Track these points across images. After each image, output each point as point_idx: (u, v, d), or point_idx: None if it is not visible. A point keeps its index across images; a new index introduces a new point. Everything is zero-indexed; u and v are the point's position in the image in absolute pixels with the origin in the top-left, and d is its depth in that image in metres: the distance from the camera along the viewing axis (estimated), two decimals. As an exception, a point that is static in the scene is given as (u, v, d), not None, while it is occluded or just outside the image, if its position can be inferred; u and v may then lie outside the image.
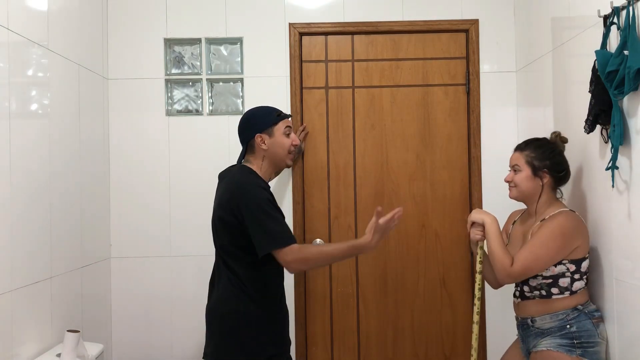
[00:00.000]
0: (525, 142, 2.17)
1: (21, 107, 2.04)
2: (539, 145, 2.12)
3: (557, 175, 2.09)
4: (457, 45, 2.95)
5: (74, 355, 2.05)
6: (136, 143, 2.90)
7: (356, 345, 2.94)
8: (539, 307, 2.04)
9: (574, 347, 1.93)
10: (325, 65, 2.95)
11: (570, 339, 1.95)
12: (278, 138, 2.15)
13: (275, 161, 2.18)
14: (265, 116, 2.18)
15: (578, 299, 2.00)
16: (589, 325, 1.95)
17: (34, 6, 2.17)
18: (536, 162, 2.08)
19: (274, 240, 1.98)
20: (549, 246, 1.97)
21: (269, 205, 2.03)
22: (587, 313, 1.98)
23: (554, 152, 2.10)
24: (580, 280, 2.01)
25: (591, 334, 1.94)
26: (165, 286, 2.88)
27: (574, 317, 1.97)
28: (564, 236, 1.97)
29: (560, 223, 1.99)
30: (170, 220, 2.88)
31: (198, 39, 2.92)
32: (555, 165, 2.08)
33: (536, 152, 2.09)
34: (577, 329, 1.95)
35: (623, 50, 1.74)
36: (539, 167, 2.08)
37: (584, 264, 2.01)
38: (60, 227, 2.31)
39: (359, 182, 2.94)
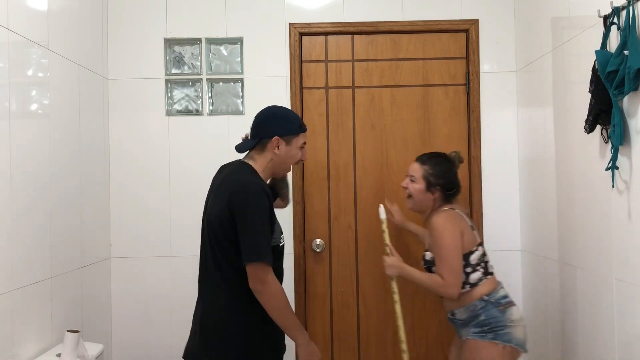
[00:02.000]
0: (427, 156, 2.37)
1: (21, 107, 2.04)
2: (438, 162, 2.33)
3: (447, 192, 2.32)
4: (457, 45, 2.95)
5: (74, 355, 2.05)
6: (136, 143, 2.90)
7: (356, 345, 2.94)
8: (453, 303, 2.27)
9: (485, 333, 2.18)
10: (325, 65, 2.95)
11: (481, 326, 2.19)
12: (293, 149, 2.08)
13: (279, 169, 2.11)
14: (291, 122, 2.09)
15: (482, 290, 2.22)
16: (496, 312, 2.19)
17: (34, 6, 2.17)
18: (432, 178, 2.31)
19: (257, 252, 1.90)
20: (443, 244, 2.20)
21: (267, 214, 1.95)
22: (493, 302, 2.21)
23: (449, 172, 2.34)
24: (475, 272, 2.23)
25: (499, 320, 2.18)
26: (165, 286, 2.88)
27: (482, 307, 2.20)
28: (448, 230, 2.20)
29: (439, 222, 2.23)
30: (170, 221, 2.88)
31: (198, 39, 2.92)
32: (447, 184, 2.31)
33: (434, 169, 2.31)
34: (485, 317, 2.19)
35: (623, 50, 1.74)
36: (433, 184, 2.30)
37: (473, 257, 2.23)
38: (60, 227, 2.31)
39: (359, 182, 2.94)
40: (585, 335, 2.21)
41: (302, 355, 2.02)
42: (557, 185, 2.44)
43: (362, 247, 2.94)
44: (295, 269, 2.89)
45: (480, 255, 2.26)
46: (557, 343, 2.48)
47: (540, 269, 2.66)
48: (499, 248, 2.90)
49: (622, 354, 1.92)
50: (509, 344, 2.16)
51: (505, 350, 2.16)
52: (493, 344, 2.16)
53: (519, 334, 2.18)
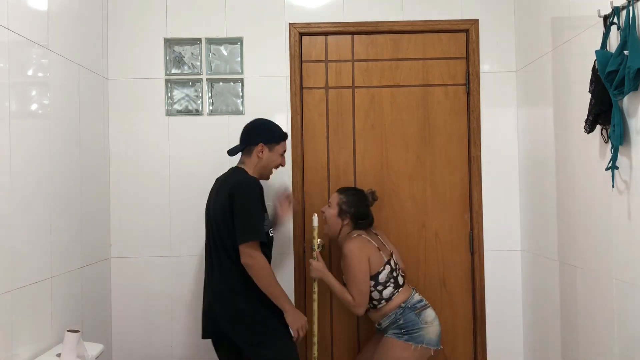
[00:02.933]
0: (345, 189, 2.68)
1: (21, 107, 2.04)
2: (352, 194, 2.63)
3: (356, 221, 2.61)
4: (457, 45, 2.95)
5: (74, 355, 2.05)
6: (136, 143, 2.90)
7: (356, 345, 2.94)
8: (377, 314, 2.57)
9: (401, 334, 2.48)
10: (325, 65, 2.95)
11: (400, 328, 2.49)
12: (274, 155, 2.46)
13: (264, 171, 2.47)
14: (274, 132, 2.47)
15: (397, 300, 2.52)
16: (413, 316, 2.49)
17: (34, 6, 2.17)
18: (344, 206, 2.61)
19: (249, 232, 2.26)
20: (354, 269, 2.48)
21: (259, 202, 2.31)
22: (410, 307, 2.51)
23: (361, 204, 2.62)
24: (386, 289, 2.51)
25: (415, 323, 2.48)
26: (165, 286, 2.88)
27: (401, 313, 2.50)
28: (356, 256, 2.48)
29: (348, 249, 2.51)
30: (170, 220, 2.88)
31: (198, 39, 2.92)
32: (356, 214, 2.60)
33: (347, 199, 2.61)
34: (404, 321, 2.49)
35: (623, 50, 1.75)
36: (344, 211, 2.60)
37: (381, 276, 2.51)
38: (60, 227, 2.31)
39: (359, 182, 2.94)
40: (585, 335, 2.21)
41: (290, 320, 2.32)
42: (557, 185, 2.44)
43: (362, 247, 2.93)
44: (295, 269, 2.89)
45: (387, 272, 2.52)
46: (557, 343, 2.48)
47: (540, 269, 2.66)
48: (499, 248, 2.90)
49: (622, 354, 1.92)
50: (421, 344, 2.46)
51: (416, 350, 2.45)
52: (407, 345, 2.46)
53: (432, 334, 2.49)
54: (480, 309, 2.90)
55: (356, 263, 2.48)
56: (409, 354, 2.45)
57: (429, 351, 2.48)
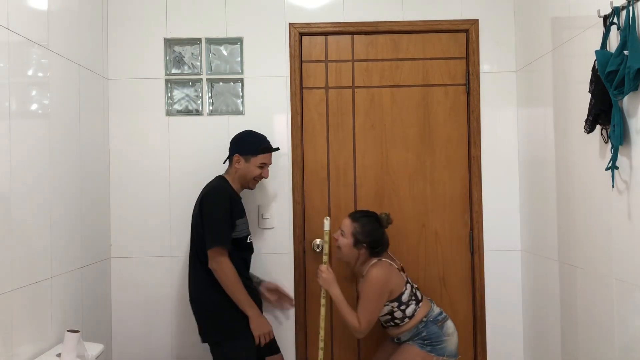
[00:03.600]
0: (359, 214, 2.59)
1: (21, 107, 2.04)
2: (367, 222, 2.54)
3: (372, 249, 2.52)
4: (457, 45, 2.95)
5: (74, 355, 2.05)
6: (136, 143, 2.90)
7: (356, 346, 2.94)
8: (397, 330, 2.53)
9: (424, 345, 2.47)
10: (325, 65, 2.95)
11: (423, 339, 2.47)
12: (250, 166, 2.56)
13: (243, 180, 2.57)
14: (252, 143, 2.57)
15: (420, 315, 2.50)
16: (436, 329, 2.48)
17: (34, 6, 2.17)
18: (359, 236, 2.51)
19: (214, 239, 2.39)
20: (372, 298, 2.44)
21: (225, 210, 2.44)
22: (432, 320, 2.49)
23: (377, 232, 2.53)
24: (409, 307, 2.49)
25: (438, 335, 2.47)
26: (165, 286, 2.88)
27: (423, 327, 2.48)
28: (379, 285, 2.44)
29: (373, 275, 2.45)
30: (170, 220, 2.88)
31: (198, 39, 2.92)
32: (373, 243, 2.52)
33: (362, 228, 2.52)
34: (427, 333, 2.47)
35: (623, 50, 1.74)
36: (360, 241, 2.51)
37: (404, 297, 2.48)
38: (60, 227, 2.31)
39: (359, 182, 2.94)
40: (585, 335, 2.21)
41: (253, 326, 2.41)
42: (557, 185, 2.44)
43: (362, 247, 2.94)
44: (295, 269, 2.89)
45: (409, 291, 2.51)
46: (557, 343, 2.48)
47: (540, 269, 2.65)
48: (499, 248, 2.90)
49: (622, 354, 1.92)
50: (442, 356, 2.46)
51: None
52: (429, 356, 2.45)
53: (452, 345, 2.49)
54: (480, 309, 2.90)
55: (378, 293, 2.44)
56: None
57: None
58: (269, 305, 2.83)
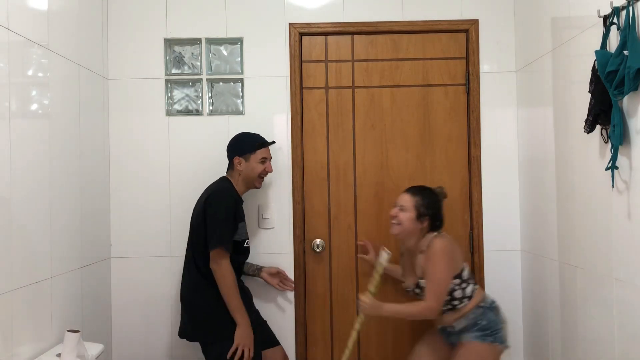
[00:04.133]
0: (417, 189, 2.52)
1: (21, 107, 2.04)
2: (427, 195, 2.50)
3: (434, 223, 2.48)
4: (457, 45, 2.95)
5: (74, 355, 2.05)
6: (136, 143, 2.90)
7: (356, 345, 2.94)
8: (453, 316, 2.43)
9: (486, 336, 2.37)
10: (325, 65, 2.95)
11: (483, 330, 2.37)
12: (252, 164, 2.57)
13: (247, 181, 2.58)
14: (247, 143, 2.59)
15: (477, 299, 2.42)
16: (493, 316, 2.41)
17: (34, 6, 2.17)
18: (422, 209, 2.46)
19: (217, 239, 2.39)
20: (441, 269, 2.36)
21: (230, 211, 2.44)
22: (489, 307, 2.42)
23: (437, 205, 2.50)
24: (468, 286, 2.41)
25: (496, 322, 2.40)
26: (165, 286, 2.88)
27: (481, 314, 2.39)
28: (448, 255, 2.37)
29: (440, 247, 2.37)
30: (170, 220, 2.88)
31: (198, 39, 2.92)
32: (435, 215, 2.48)
33: (424, 200, 2.47)
34: (487, 322, 2.38)
35: (623, 50, 1.74)
36: (423, 214, 2.45)
37: (465, 273, 2.41)
38: (60, 227, 2.31)
39: (359, 182, 2.94)
40: (585, 335, 2.21)
41: (238, 334, 2.39)
42: (557, 185, 2.44)
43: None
44: (295, 269, 2.89)
45: (469, 270, 2.46)
46: (557, 343, 2.48)
47: (540, 269, 2.65)
48: (499, 248, 2.90)
49: (622, 354, 1.92)
50: (503, 344, 2.40)
51: (500, 350, 2.40)
52: (492, 346, 2.36)
53: (506, 332, 2.44)
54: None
55: (446, 262, 2.35)
56: (495, 355, 2.39)
57: (505, 349, 2.44)
58: (268, 299, 2.83)
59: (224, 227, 2.41)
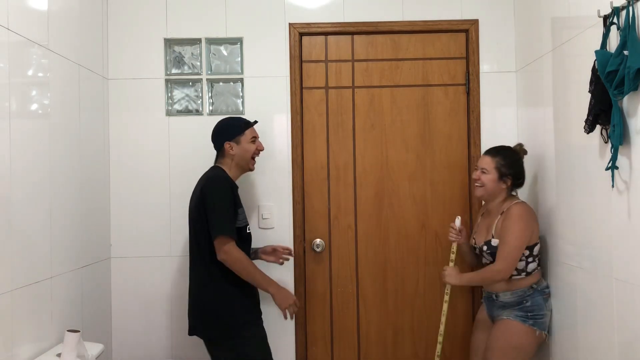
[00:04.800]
0: (496, 149, 2.53)
1: (21, 107, 2.04)
2: (508, 155, 2.50)
3: (517, 181, 2.52)
4: (457, 45, 2.95)
5: (74, 355, 2.05)
6: (136, 143, 2.90)
7: (356, 345, 2.94)
8: (502, 285, 2.45)
9: (527, 318, 2.38)
10: (325, 65, 2.95)
11: (525, 311, 2.39)
12: (244, 145, 2.51)
13: (242, 165, 2.53)
14: (234, 126, 2.53)
15: (533, 279, 2.43)
16: (541, 300, 2.40)
17: (34, 6, 2.17)
18: (503, 169, 2.48)
19: (220, 227, 2.34)
20: (517, 234, 2.38)
21: (229, 198, 2.39)
22: (539, 290, 2.42)
23: (518, 163, 2.52)
24: (533, 263, 2.43)
25: (541, 308, 2.40)
26: (165, 286, 2.88)
27: (529, 295, 2.41)
28: (525, 221, 2.40)
29: (519, 212, 2.41)
30: (170, 220, 2.88)
31: (198, 39, 2.92)
32: (517, 174, 2.50)
33: (505, 160, 2.48)
34: (531, 304, 2.39)
35: (623, 50, 1.74)
36: (505, 174, 2.48)
37: (536, 248, 2.43)
38: (60, 227, 2.31)
39: (359, 182, 2.94)
40: (585, 335, 2.21)
41: (278, 301, 2.41)
42: (557, 185, 2.44)
43: (362, 247, 2.94)
44: (295, 269, 2.89)
45: (539, 248, 2.46)
46: (557, 343, 2.48)
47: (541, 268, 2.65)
48: (499, 248, 2.90)
49: (622, 354, 1.92)
50: (544, 331, 2.40)
51: (539, 337, 2.40)
52: (531, 330, 2.38)
53: (548, 322, 2.43)
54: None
55: (523, 227, 2.38)
56: (532, 340, 2.39)
57: (545, 338, 2.43)
58: (268, 298, 2.84)
59: (225, 213, 2.36)
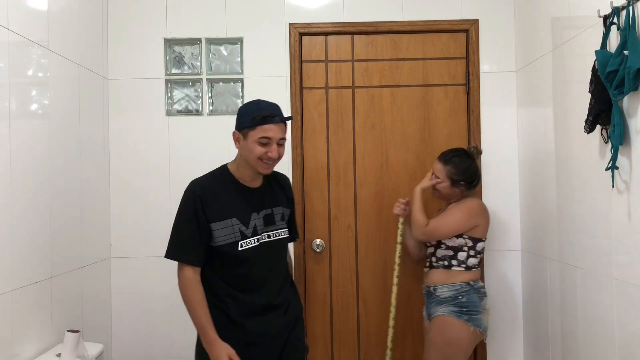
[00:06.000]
0: (447, 158, 2.56)
1: (21, 107, 2.04)
2: (458, 162, 2.54)
3: (470, 185, 2.56)
4: (457, 45, 2.95)
5: (74, 355, 2.05)
6: (136, 143, 2.90)
7: (356, 345, 2.94)
8: (441, 277, 2.51)
9: (462, 314, 2.44)
10: (325, 65, 2.95)
11: (460, 307, 2.44)
12: (250, 144, 1.98)
13: (249, 164, 2.03)
14: (248, 114, 2.00)
15: (471, 276, 2.50)
16: (476, 298, 2.46)
17: (34, 6, 2.17)
18: (455, 177, 2.53)
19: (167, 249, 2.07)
20: (454, 216, 2.50)
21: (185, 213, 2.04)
22: (476, 289, 2.48)
23: (470, 169, 2.55)
24: (474, 258, 2.50)
25: (476, 305, 2.45)
26: (165, 286, 2.87)
27: (465, 291, 2.46)
28: (468, 211, 2.49)
29: (467, 203, 2.51)
30: (170, 220, 2.85)
31: (198, 39, 2.92)
32: (469, 178, 2.54)
33: (456, 169, 2.53)
34: (466, 300, 2.45)
35: (623, 50, 1.74)
36: (457, 181, 2.53)
37: (480, 245, 2.51)
38: (60, 227, 2.31)
39: (359, 182, 2.94)
40: (585, 335, 2.21)
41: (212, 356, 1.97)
42: (557, 185, 2.44)
43: (362, 247, 2.94)
44: (295, 269, 2.89)
45: (484, 247, 2.54)
46: (557, 343, 2.48)
47: (540, 269, 2.65)
48: (499, 248, 2.90)
49: (622, 354, 1.92)
50: (478, 328, 2.44)
51: (474, 333, 2.43)
52: (466, 325, 2.43)
53: (486, 322, 2.49)
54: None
55: (464, 217, 2.47)
56: (467, 336, 2.42)
57: (481, 337, 2.48)
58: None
59: (174, 233, 2.06)
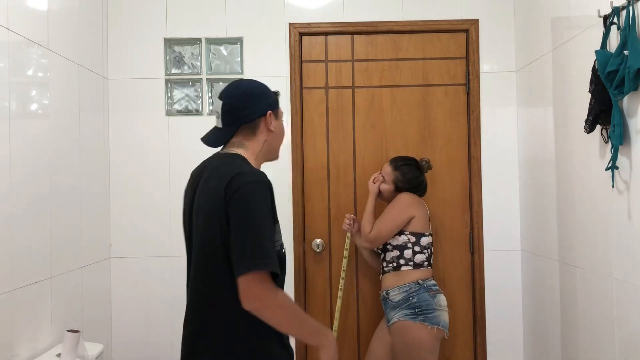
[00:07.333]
0: (397, 165, 2.65)
1: (21, 107, 2.05)
2: (407, 172, 2.63)
3: (413, 191, 2.63)
4: (457, 45, 2.95)
5: (74, 355, 2.05)
6: (136, 143, 2.90)
7: (356, 346, 2.94)
8: (392, 280, 2.53)
9: (416, 315, 2.43)
10: (325, 65, 2.95)
11: (413, 308, 2.44)
12: (281, 122, 1.72)
13: (272, 150, 1.72)
14: (267, 91, 1.71)
15: (420, 274, 2.50)
16: (427, 297, 2.45)
17: (34, 6, 2.17)
18: (400, 184, 2.62)
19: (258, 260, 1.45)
20: (389, 213, 2.55)
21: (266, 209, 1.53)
22: (426, 287, 2.48)
23: (416, 180, 2.63)
24: (421, 254, 2.52)
25: (429, 304, 2.44)
26: (165, 286, 2.88)
27: (415, 291, 2.46)
28: (400, 204, 2.55)
29: (398, 197, 2.59)
30: (170, 220, 2.88)
31: (198, 39, 2.92)
32: (412, 188, 2.63)
33: (403, 177, 2.62)
34: (417, 300, 2.45)
35: (623, 50, 1.74)
36: (401, 188, 2.62)
37: (424, 240, 2.54)
38: (60, 227, 2.31)
39: (359, 182, 2.94)
40: (585, 335, 2.21)
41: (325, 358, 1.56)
42: (557, 185, 2.44)
43: (362, 247, 2.94)
44: (295, 269, 2.89)
45: (429, 242, 2.57)
46: (557, 343, 2.48)
47: (540, 269, 2.65)
48: (499, 248, 2.90)
49: (622, 354, 1.92)
50: (437, 326, 2.43)
51: (432, 331, 2.42)
52: (423, 326, 2.42)
53: (445, 317, 2.47)
54: (480, 309, 2.90)
55: (398, 209, 2.54)
56: (427, 335, 2.41)
57: (443, 333, 2.46)
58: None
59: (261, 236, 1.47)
